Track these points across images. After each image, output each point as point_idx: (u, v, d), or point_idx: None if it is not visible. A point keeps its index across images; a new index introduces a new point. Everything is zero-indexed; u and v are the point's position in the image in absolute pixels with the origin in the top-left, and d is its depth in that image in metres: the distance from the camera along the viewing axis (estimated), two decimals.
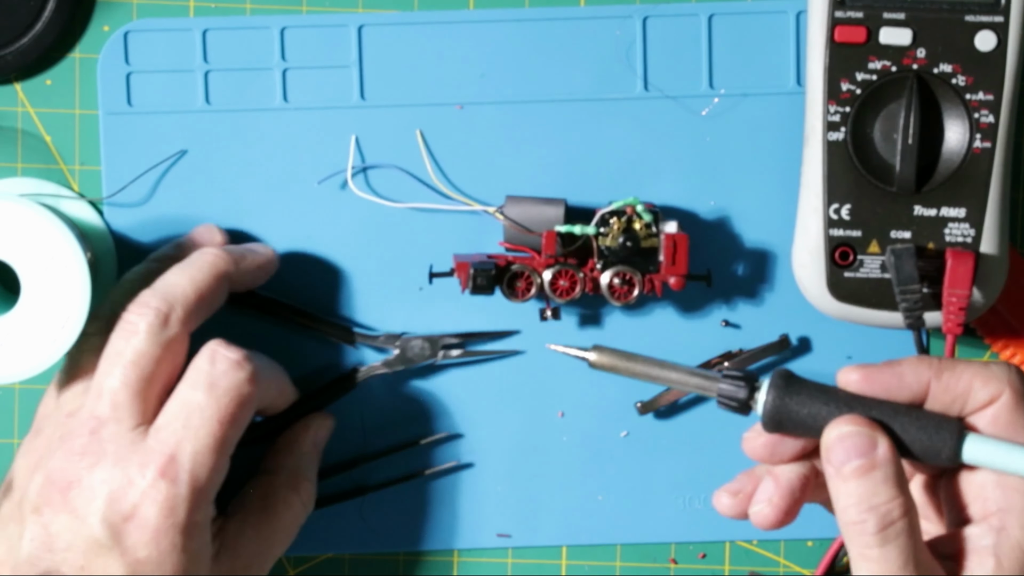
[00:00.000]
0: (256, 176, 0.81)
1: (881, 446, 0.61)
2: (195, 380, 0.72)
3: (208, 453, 0.70)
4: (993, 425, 0.62)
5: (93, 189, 0.81)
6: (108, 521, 0.69)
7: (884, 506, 0.61)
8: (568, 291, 0.77)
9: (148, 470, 0.69)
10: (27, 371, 0.75)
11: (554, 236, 0.76)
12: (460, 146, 0.81)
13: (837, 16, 0.73)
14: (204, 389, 0.71)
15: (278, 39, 0.81)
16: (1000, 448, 0.62)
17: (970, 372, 0.62)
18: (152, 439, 0.70)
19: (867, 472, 0.61)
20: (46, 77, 0.81)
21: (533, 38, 0.81)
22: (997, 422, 0.62)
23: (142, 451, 0.70)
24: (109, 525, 0.69)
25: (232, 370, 0.72)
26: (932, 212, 0.74)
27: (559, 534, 0.83)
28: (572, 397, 0.82)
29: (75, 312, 0.75)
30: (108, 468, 0.70)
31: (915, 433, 0.62)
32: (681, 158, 0.81)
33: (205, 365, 0.72)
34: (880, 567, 0.61)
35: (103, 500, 0.69)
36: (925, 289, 0.73)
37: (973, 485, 0.63)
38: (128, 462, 0.70)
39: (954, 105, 0.73)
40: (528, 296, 0.77)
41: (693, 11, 0.81)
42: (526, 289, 0.77)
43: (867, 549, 0.61)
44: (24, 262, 0.75)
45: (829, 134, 0.74)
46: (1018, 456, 0.62)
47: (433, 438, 0.82)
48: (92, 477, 0.70)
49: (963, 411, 0.63)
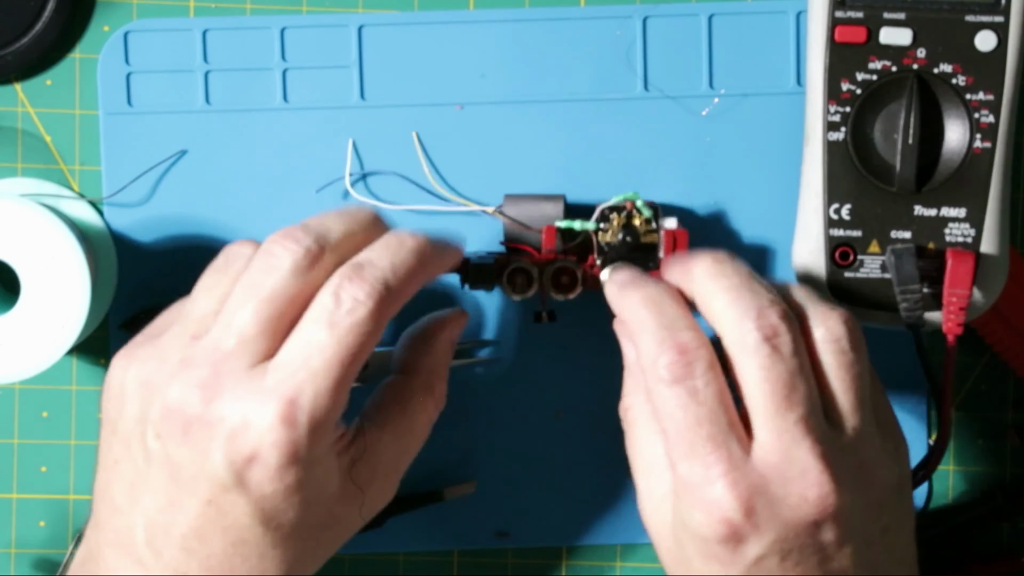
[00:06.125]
0: (256, 176, 0.81)
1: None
2: (317, 317, 0.67)
3: (327, 394, 0.66)
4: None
5: (93, 189, 0.81)
6: (229, 460, 0.66)
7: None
8: (569, 286, 0.76)
9: (267, 411, 0.66)
10: (27, 371, 0.75)
11: (554, 231, 0.76)
12: (460, 146, 0.81)
13: (837, 16, 0.73)
14: (326, 328, 0.67)
15: (278, 39, 0.81)
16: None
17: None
18: (271, 378, 0.66)
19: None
20: (46, 77, 0.81)
21: (533, 38, 0.81)
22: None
23: (262, 391, 0.66)
24: (230, 464, 0.66)
25: (356, 307, 0.67)
26: (932, 212, 0.74)
27: (559, 534, 0.83)
28: (572, 397, 0.82)
29: (75, 312, 0.75)
30: (227, 405, 0.66)
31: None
32: (681, 158, 0.81)
33: (329, 302, 0.67)
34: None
35: (223, 439, 0.66)
36: (925, 289, 0.73)
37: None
38: (246, 402, 0.66)
39: (954, 105, 0.73)
40: (529, 292, 0.76)
41: (693, 11, 0.81)
42: (526, 284, 0.76)
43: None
44: (24, 262, 0.75)
45: (829, 134, 0.74)
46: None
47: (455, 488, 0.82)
48: (210, 414, 0.66)
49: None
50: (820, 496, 0.64)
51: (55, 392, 0.82)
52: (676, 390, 0.66)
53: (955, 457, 0.83)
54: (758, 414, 0.65)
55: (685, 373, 0.65)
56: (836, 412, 0.66)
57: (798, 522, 0.65)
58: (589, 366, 0.82)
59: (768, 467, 0.65)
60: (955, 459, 0.84)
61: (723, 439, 0.65)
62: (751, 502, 0.64)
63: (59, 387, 0.82)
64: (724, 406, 0.65)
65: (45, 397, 0.82)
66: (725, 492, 0.64)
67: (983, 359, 0.83)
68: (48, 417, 0.82)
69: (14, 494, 0.83)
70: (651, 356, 0.66)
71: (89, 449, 0.82)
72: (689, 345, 0.66)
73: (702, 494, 0.65)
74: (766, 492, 0.64)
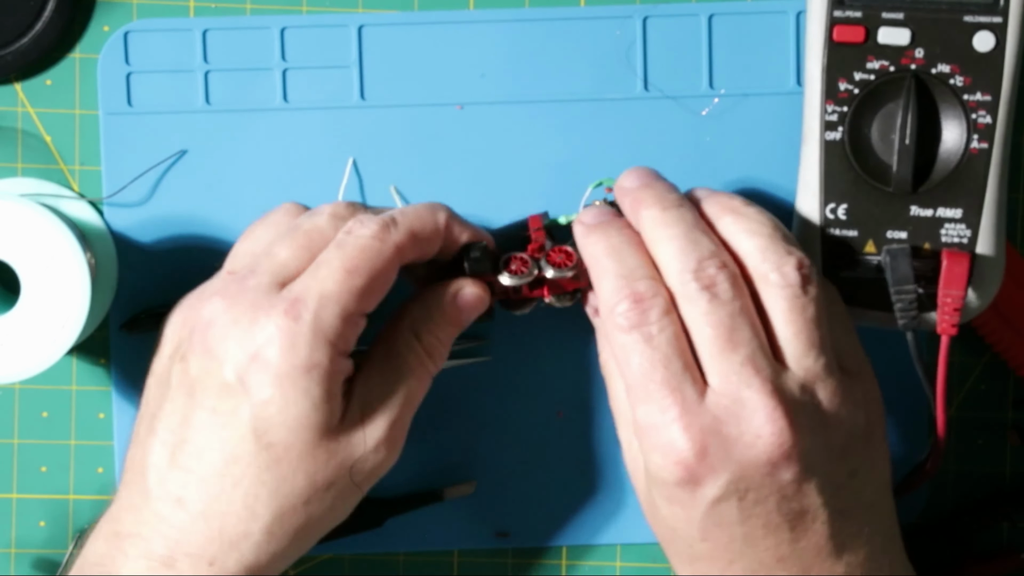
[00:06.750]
0: (256, 176, 0.81)
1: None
2: (331, 242, 0.72)
3: (333, 297, 0.69)
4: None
5: (93, 189, 0.81)
6: (235, 362, 0.69)
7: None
8: (566, 263, 0.75)
9: (275, 311, 0.69)
10: (27, 371, 0.75)
11: (539, 218, 0.76)
12: (460, 146, 0.81)
13: (836, 15, 0.73)
14: (334, 247, 0.71)
15: (278, 39, 0.81)
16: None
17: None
18: (287, 290, 0.70)
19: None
20: (46, 77, 0.81)
21: (533, 38, 0.81)
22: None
23: (275, 300, 0.69)
24: (236, 365, 0.69)
25: (362, 231, 0.71)
26: (928, 212, 0.74)
27: (559, 534, 0.83)
28: (572, 397, 0.82)
29: (75, 312, 0.75)
30: (244, 313, 0.69)
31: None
32: (681, 158, 0.81)
33: (342, 232, 0.72)
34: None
35: (234, 342, 0.69)
36: (920, 290, 0.73)
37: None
38: (259, 308, 0.69)
39: (952, 105, 0.73)
40: (525, 271, 0.75)
41: (693, 11, 0.81)
42: (522, 265, 0.75)
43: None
44: (24, 262, 0.75)
45: (826, 134, 0.74)
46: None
47: (455, 488, 0.82)
48: (226, 318, 0.70)
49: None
50: (773, 432, 0.66)
51: (55, 392, 0.82)
52: (632, 336, 0.67)
53: (955, 457, 0.83)
54: (707, 359, 0.67)
55: (640, 320, 0.67)
56: (788, 354, 0.68)
57: (753, 460, 0.66)
58: (589, 366, 0.82)
59: (720, 408, 0.66)
60: (955, 459, 0.83)
61: (677, 383, 0.66)
62: (705, 443, 0.66)
63: (59, 387, 0.82)
64: (679, 352, 0.67)
65: (45, 397, 0.83)
66: (679, 434, 0.66)
67: (983, 359, 0.83)
68: (48, 417, 0.83)
69: (14, 494, 0.83)
70: (609, 304, 0.69)
71: (89, 449, 0.83)
72: (645, 294, 0.68)
73: (658, 437, 0.67)
74: (719, 433, 0.66)
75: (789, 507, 0.67)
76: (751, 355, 0.66)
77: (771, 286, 0.68)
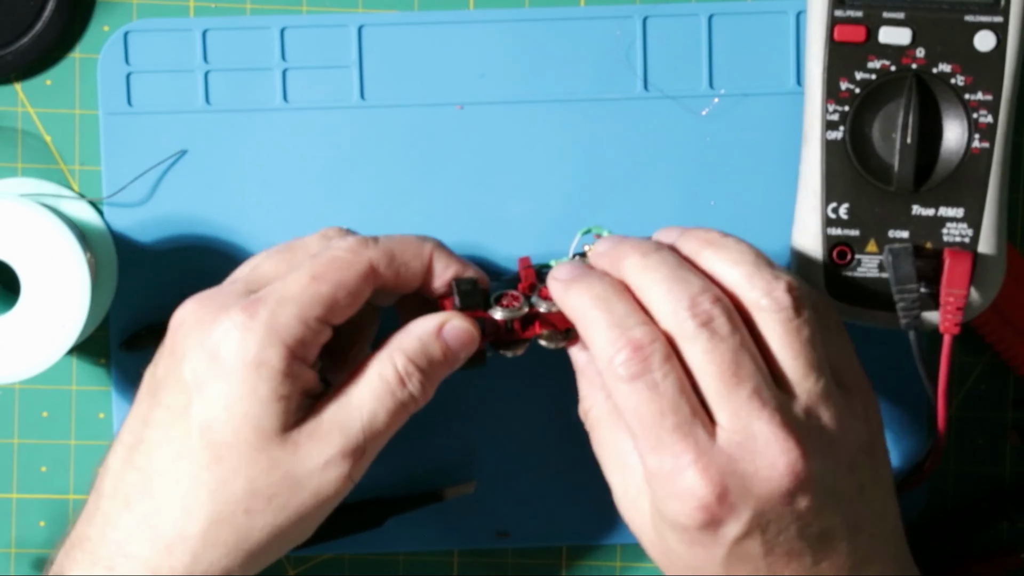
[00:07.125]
0: (256, 176, 0.81)
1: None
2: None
3: (293, 300, 0.69)
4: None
5: (93, 189, 0.81)
6: (194, 359, 0.68)
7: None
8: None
9: (234, 309, 0.68)
10: (27, 371, 0.75)
11: (527, 260, 0.75)
12: (460, 146, 0.81)
13: (837, 15, 0.73)
14: (308, 257, 0.71)
15: (278, 39, 0.81)
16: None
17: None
18: (252, 295, 0.70)
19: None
20: (46, 77, 0.81)
21: (533, 38, 0.81)
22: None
23: (240, 301, 0.69)
24: (193, 363, 0.68)
25: (339, 243, 0.71)
26: (930, 212, 0.74)
27: (559, 534, 0.83)
28: (572, 397, 0.82)
29: (75, 312, 0.75)
30: (206, 312, 0.69)
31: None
32: (681, 158, 0.81)
33: (314, 242, 0.73)
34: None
35: (195, 339, 0.69)
36: (923, 289, 0.73)
37: None
38: (223, 308, 0.69)
39: (953, 105, 0.73)
40: (516, 305, 0.74)
41: (693, 11, 0.81)
42: (514, 300, 0.73)
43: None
44: (24, 262, 0.75)
45: (828, 133, 0.74)
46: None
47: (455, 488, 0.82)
48: (192, 319, 0.69)
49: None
50: (788, 463, 0.65)
51: (55, 392, 0.82)
52: (636, 385, 0.66)
53: (955, 457, 0.83)
54: (713, 397, 0.66)
55: (642, 368, 0.66)
56: (789, 379, 0.67)
57: (772, 493, 0.65)
58: None
59: (733, 446, 0.65)
60: (955, 459, 0.83)
61: (688, 428, 0.65)
62: (723, 484, 0.65)
63: (59, 387, 0.82)
64: (685, 395, 0.66)
65: (45, 397, 0.82)
66: (697, 479, 0.65)
67: (983, 359, 0.83)
68: (48, 417, 0.83)
69: (14, 494, 0.83)
70: (606, 356, 0.67)
71: (89, 449, 0.83)
72: (643, 341, 0.66)
73: (674, 484, 0.65)
74: (736, 471, 0.65)
75: (809, 532, 0.66)
76: (757, 388, 0.66)
77: (764, 312, 0.67)
